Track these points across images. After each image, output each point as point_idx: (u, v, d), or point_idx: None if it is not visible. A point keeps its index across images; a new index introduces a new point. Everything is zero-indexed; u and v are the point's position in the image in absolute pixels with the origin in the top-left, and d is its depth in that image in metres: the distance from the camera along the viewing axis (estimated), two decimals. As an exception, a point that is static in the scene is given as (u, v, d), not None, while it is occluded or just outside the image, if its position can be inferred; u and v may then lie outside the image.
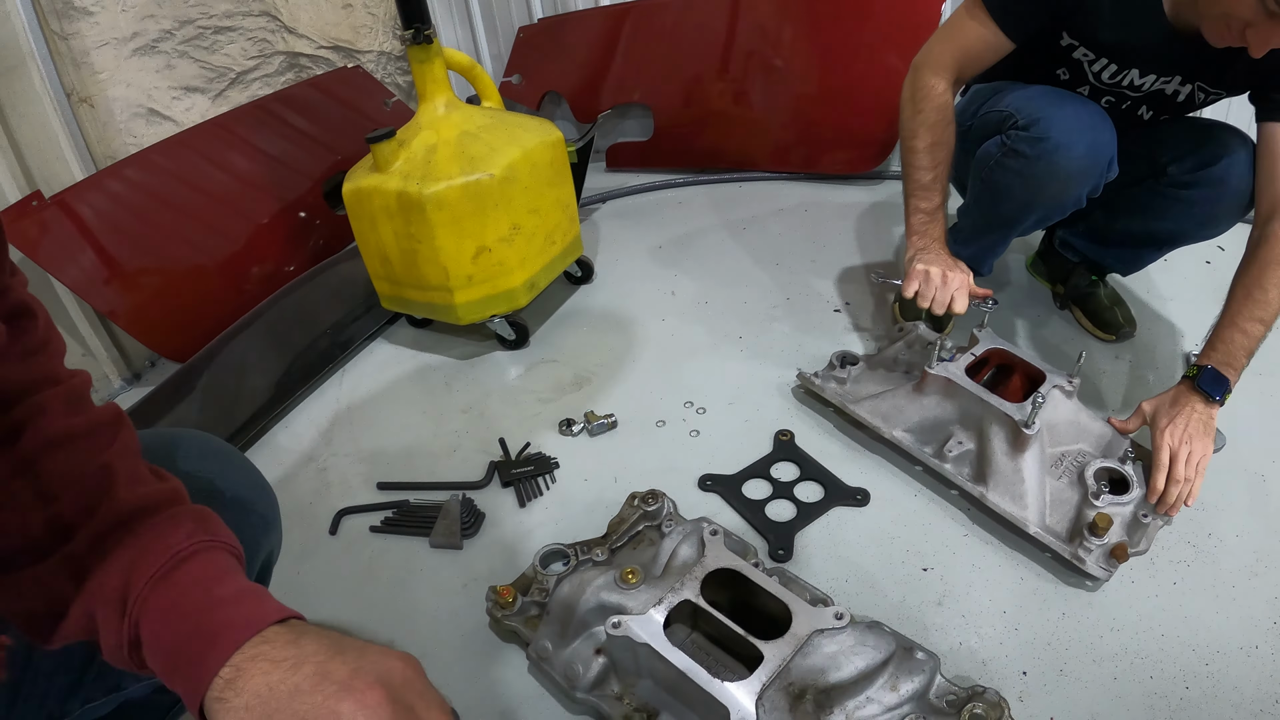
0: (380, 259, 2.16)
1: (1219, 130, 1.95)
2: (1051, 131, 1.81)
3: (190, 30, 2.48)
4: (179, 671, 0.72)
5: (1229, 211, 1.95)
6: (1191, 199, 1.97)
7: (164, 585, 0.76)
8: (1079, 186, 1.87)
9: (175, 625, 0.74)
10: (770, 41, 3.11)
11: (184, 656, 0.73)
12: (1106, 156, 1.86)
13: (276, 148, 2.69)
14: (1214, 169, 1.90)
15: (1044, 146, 1.82)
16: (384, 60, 3.18)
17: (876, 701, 1.29)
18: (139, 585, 0.75)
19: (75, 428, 0.81)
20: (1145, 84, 1.88)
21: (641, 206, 3.10)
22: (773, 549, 1.68)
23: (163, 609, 0.75)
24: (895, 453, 1.91)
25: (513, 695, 1.45)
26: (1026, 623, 1.55)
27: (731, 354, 2.26)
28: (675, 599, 1.36)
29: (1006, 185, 1.94)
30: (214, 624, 0.73)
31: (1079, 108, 1.84)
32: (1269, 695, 1.44)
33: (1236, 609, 1.58)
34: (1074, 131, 1.81)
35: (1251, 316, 1.73)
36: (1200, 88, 1.87)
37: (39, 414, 0.80)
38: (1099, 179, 1.89)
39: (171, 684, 0.73)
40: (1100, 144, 1.83)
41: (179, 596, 0.75)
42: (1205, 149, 1.92)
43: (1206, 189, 1.93)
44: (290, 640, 0.73)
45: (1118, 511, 1.67)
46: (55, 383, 0.83)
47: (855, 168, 3.20)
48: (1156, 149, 2.00)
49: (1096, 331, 2.33)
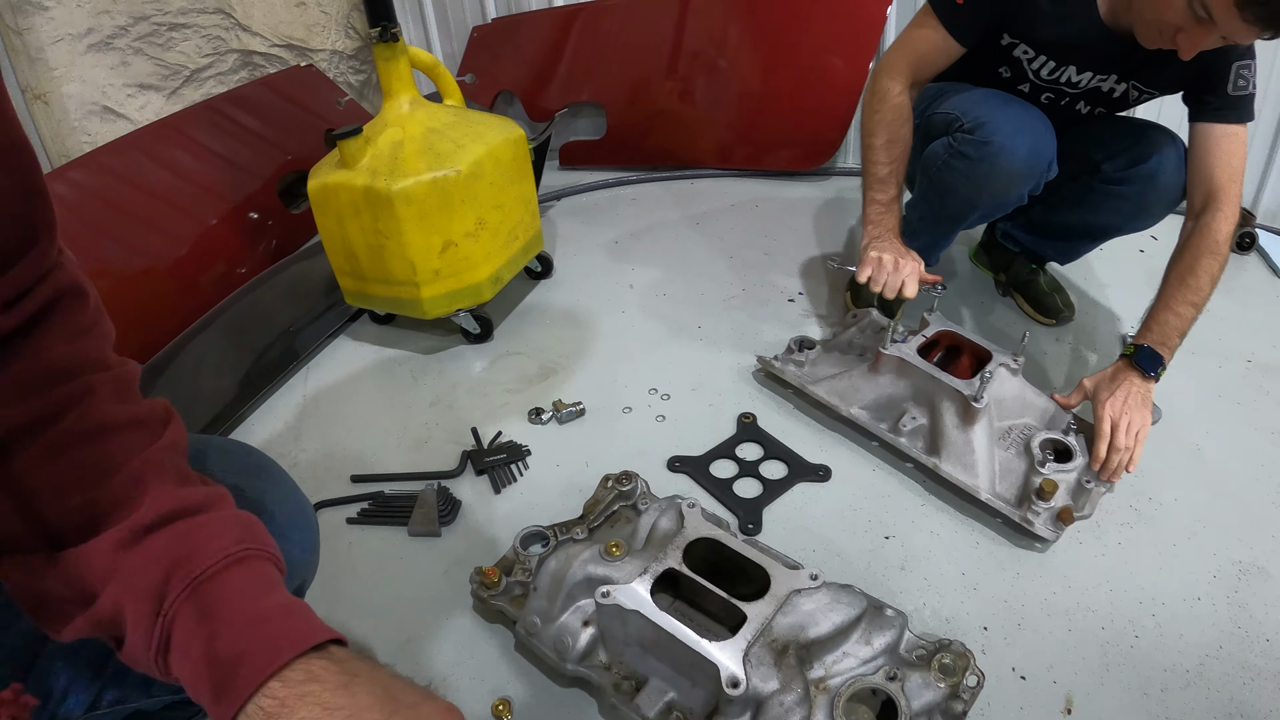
0: (345, 255, 2.19)
1: (1150, 130, 2.07)
2: (996, 135, 1.91)
3: (145, 27, 2.48)
4: (211, 684, 0.69)
5: (1159, 205, 2.08)
6: (1125, 194, 2.09)
7: (206, 588, 0.73)
8: (1021, 186, 1.98)
9: (213, 633, 0.71)
10: (716, 43, 3.20)
11: (220, 668, 0.69)
12: (1047, 158, 1.97)
13: (227, 148, 2.68)
14: (1145, 166, 2.02)
15: (988, 149, 1.92)
16: (336, 59, 3.20)
17: (853, 655, 1.37)
18: (180, 585, 0.72)
19: (125, 415, 0.78)
20: (1082, 81, 1.99)
21: (596, 203, 3.16)
22: (743, 523, 1.76)
23: (202, 613, 0.71)
24: (853, 430, 2.00)
25: (502, 673, 1.49)
26: (984, 583, 1.66)
27: (692, 342, 2.34)
28: (659, 568, 1.42)
29: (952, 184, 2.04)
30: (257, 638, 0.71)
31: (1021, 112, 1.95)
32: (1213, 642, 1.56)
33: (1178, 565, 1.70)
34: (1017, 135, 1.91)
35: (1184, 300, 1.85)
36: (1135, 86, 1.98)
37: (87, 395, 0.76)
38: (1039, 179, 2.00)
39: (197, 695, 0.70)
40: (1041, 147, 1.94)
41: (221, 603, 0.72)
42: (1137, 147, 2.04)
43: (1139, 184, 2.06)
44: (342, 685, 0.70)
45: (1062, 478, 1.78)
46: (104, 367, 0.79)
47: (801, 165, 3.31)
48: (1092, 147, 2.12)
49: (1038, 316, 2.45)
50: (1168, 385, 2.08)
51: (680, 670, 1.36)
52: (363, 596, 1.64)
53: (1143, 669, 1.51)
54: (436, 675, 1.48)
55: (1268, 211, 3.11)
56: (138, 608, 0.71)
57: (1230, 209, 1.88)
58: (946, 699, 1.33)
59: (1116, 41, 1.87)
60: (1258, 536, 1.77)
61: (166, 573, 0.72)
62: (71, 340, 0.77)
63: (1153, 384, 1.84)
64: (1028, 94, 2.07)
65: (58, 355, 0.75)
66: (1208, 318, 2.37)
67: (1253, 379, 2.24)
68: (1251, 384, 2.22)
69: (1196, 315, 1.87)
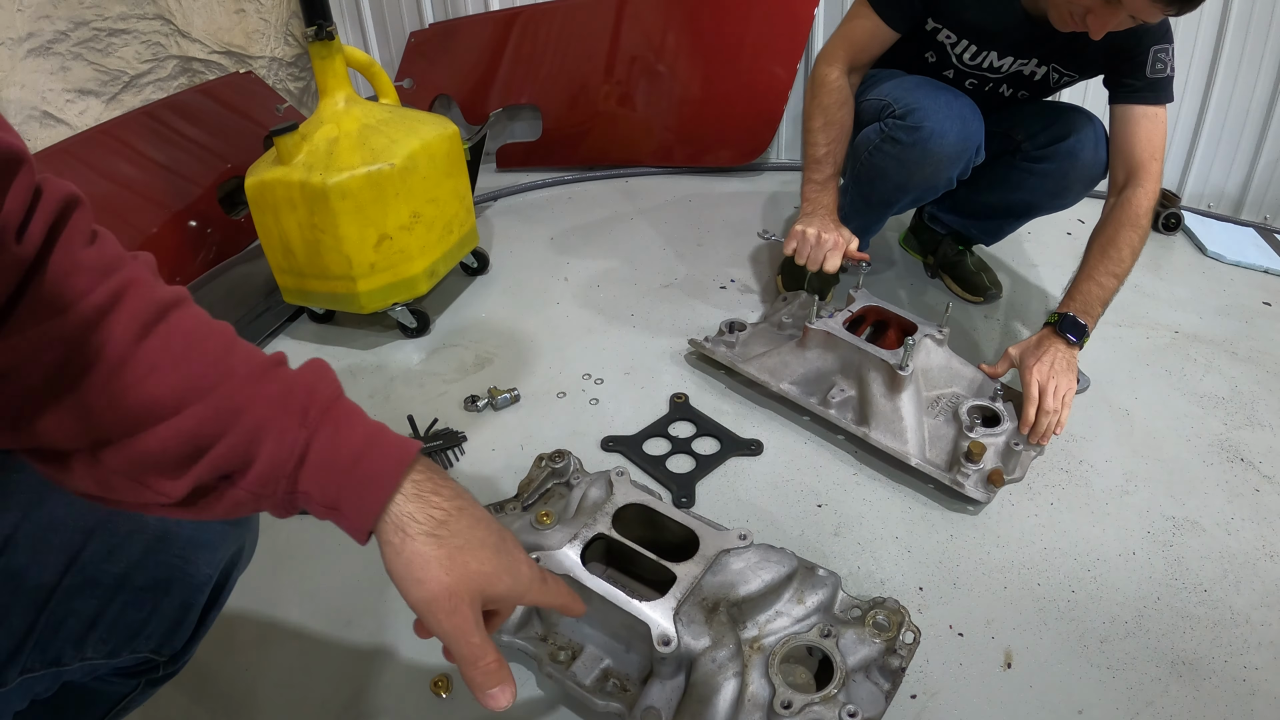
0: (283, 251, 2.16)
1: (1070, 110, 2.12)
2: (927, 121, 1.93)
3: (85, 32, 2.42)
4: (353, 481, 0.76)
5: (1079, 183, 2.11)
6: (1045, 171, 2.13)
7: (339, 404, 0.79)
8: (950, 170, 2.01)
9: (353, 439, 0.77)
10: (653, 48, 3.22)
11: (364, 465, 0.77)
12: (975, 143, 2.00)
13: (166, 155, 2.63)
14: (1065, 143, 2.06)
15: (920, 134, 1.94)
16: (276, 66, 3.15)
17: (786, 614, 1.36)
18: (322, 397, 0.78)
19: (178, 294, 0.79)
20: (1004, 65, 2.03)
21: (533, 203, 3.15)
22: (676, 497, 1.74)
23: (342, 420, 0.78)
24: (784, 405, 2.00)
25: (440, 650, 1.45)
26: (918, 545, 1.65)
27: (625, 330, 2.33)
28: (589, 534, 1.40)
29: (884, 168, 2.06)
30: (388, 441, 0.79)
31: (952, 99, 1.97)
32: (1149, 594, 1.57)
33: (1111, 522, 1.72)
34: (947, 121, 1.94)
35: (1106, 271, 1.88)
36: (1055, 69, 2.02)
37: (136, 283, 0.75)
38: (968, 163, 2.03)
39: (337, 501, 0.76)
40: (970, 133, 1.97)
41: (354, 414, 0.79)
42: (1057, 126, 2.09)
43: (1058, 162, 2.09)
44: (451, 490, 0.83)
45: (991, 441, 1.79)
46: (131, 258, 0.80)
47: (734, 162, 3.35)
48: (1014, 127, 2.16)
49: (966, 295, 2.47)
50: (1098, 354, 2.12)
51: (614, 636, 1.34)
52: (303, 581, 1.59)
53: (1081, 622, 1.51)
54: (377, 655, 1.44)
55: (1192, 194, 3.18)
56: (282, 423, 0.74)
57: (1150, 185, 1.91)
58: (883, 654, 1.32)
59: (1035, 25, 1.91)
60: (1189, 493, 1.79)
61: (311, 387, 0.77)
62: (90, 244, 0.75)
63: (1076, 350, 1.86)
64: (952, 79, 2.10)
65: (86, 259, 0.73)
66: (1137, 293, 2.43)
67: (1179, 348, 2.27)
68: (1178, 352, 2.25)
69: (1118, 285, 1.90)
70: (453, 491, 0.82)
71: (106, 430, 0.70)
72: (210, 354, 0.74)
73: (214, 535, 0.96)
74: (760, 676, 1.27)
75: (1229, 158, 3.09)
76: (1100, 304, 1.89)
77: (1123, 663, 1.44)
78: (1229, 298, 2.55)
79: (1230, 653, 1.46)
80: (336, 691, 1.39)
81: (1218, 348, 2.28)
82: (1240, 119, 3.00)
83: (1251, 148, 3.03)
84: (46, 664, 0.87)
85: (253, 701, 1.38)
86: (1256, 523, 1.73)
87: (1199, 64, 2.95)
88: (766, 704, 1.24)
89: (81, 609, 0.87)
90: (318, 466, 0.76)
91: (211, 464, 0.72)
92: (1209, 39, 2.90)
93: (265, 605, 1.53)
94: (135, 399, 0.70)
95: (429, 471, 0.81)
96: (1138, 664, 1.44)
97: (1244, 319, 2.44)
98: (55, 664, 0.87)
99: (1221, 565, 1.63)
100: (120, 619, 0.89)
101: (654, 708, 1.25)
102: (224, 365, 0.74)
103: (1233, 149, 3.06)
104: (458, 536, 0.80)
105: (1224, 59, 2.91)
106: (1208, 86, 2.97)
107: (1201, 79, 2.97)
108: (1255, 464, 1.88)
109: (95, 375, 0.68)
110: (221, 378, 0.73)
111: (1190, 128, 3.07)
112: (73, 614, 0.87)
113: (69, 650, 0.88)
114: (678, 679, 1.27)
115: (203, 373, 0.73)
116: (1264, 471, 1.86)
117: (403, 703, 1.37)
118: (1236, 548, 1.67)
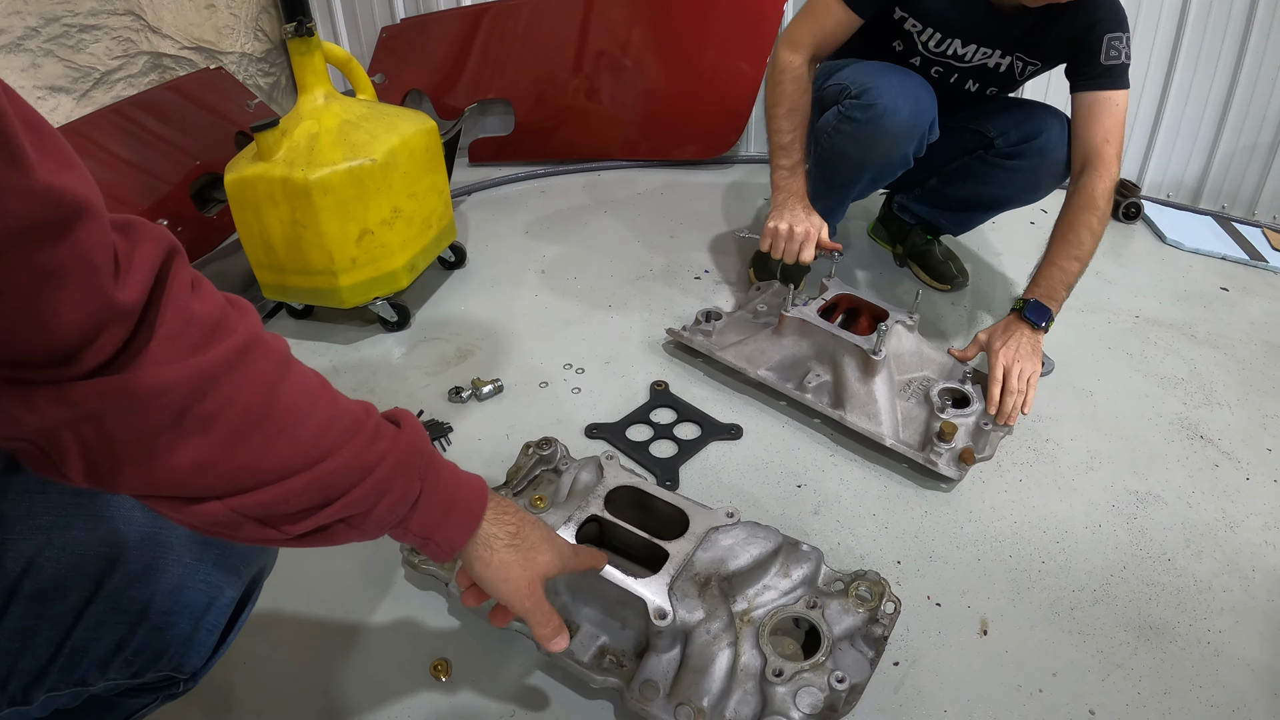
0: (264, 248, 2.17)
1: (1040, 108, 2.19)
2: (880, 98, 1.99)
3: (56, 28, 2.42)
4: (451, 518, 0.95)
5: (1049, 178, 2.19)
6: (1017, 168, 2.20)
7: (435, 454, 0.95)
8: (905, 146, 2.06)
9: (446, 483, 0.95)
10: (620, 43, 3.26)
11: (459, 505, 0.96)
12: (928, 119, 2.05)
13: (136, 153, 2.61)
14: (1037, 141, 2.14)
15: (873, 111, 2.00)
16: (246, 62, 3.15)
17: (773, 588, 1.41)
18: (428, 451, 0.93)
19: (285, 345, 0.87)
20: (968, 54, 2.09)
21: (507, 196, 3.17)
22: (660, 480, 1.79)
23: (440, 469, 0.95)
24: (761, 390, 2.05)
25: (438, 635, 1.49)
26: (894, 522, 1.72)
27: (603, 320, 2.37)
28: (582, 515, 1.44)
29: (842, 148, 2.12)
30: (470, 482, 1.00)
31: (904, 78, 2.04)
32: (1116, 564, 1.64)
33: (1078, 497, 1.79)
34: (899, 97, 2.00)
35: (1069, 255, 1.95)
36: (1019, 58, 2.09)
37: (258, 339, 0.80)
38: (921, 139, 2.08)
39: (433, 533, 0.94)
40: (922, 108, 2.03)
41: (440, 461, 0.97)
42: (1029, 124, 2.16)
43: (1030, 159, 2.17)
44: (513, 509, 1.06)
45: (962, 421, 1.86)
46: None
47: (704, 155, 3.39)
48: (986, 125, 2.23)
49: (934, 283, 2.54)
50: (1062, 338, 2.20)
51: (610, 614, 1.39)
52: (297, 572, 1.59)
53: (1052, 590, 1.58)
54: (374, 641, 1.47)
55: (1152, 184, 3.27)
56: (403, 477, 0.88)
57: (1106, 169, 1.98)
58: (866, 623, 1.38)
59: (996, 16, 1.99)
60: (1151, 469, 1.87)
61: (414, 441, 0.91)
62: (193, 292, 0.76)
63: (1042, 334, 1.93)
64: (918, 67, 2.15)
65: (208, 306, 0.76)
66: (1099, 279, 2.51)
67: (1139, 332, 2.36)
68: (1139, 336, 2.34)
69: (1081, 270, 1.96)
70: (513, 509, 1.05)
71: (249, 480, 0.76)
72: (327, 408, 0.83)
73: (239, 560, 0.98)
74: (751, 647, 1.33)
75: (1188, 148, 3.18)
76: (1064, 288, 1.96)
77: (1092, 628, 1.51)
78: (1187, 284, 2.64)
79: (1194, 617, 1.53)
80: (338, 678, 1.41)
81: (1177, 331, 2.37)
82: (1199, 111, 3.10)
83: (1210, 139, 3.13)
84: (71, 684, 0.89)
85: (253, 691, 1.40)
86: (1216, 496, 1.81)
87: (1159, 57, 3.04)
88: (759, 673, 1.29)
89: (106, 636, 0.88)
90: (424, 510, 0.92)
91: (338, 511, 0.83)
92: (1169, 32, 2.99)
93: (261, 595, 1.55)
94: (277, 452, 0.77)
95: (494, 496, 1.03)
96: (1107, 629, 1.51)
97: (1202, 304, 2.53)
98: (80, 684, 0.89)
99: (1184, 536, 1.71)
100: (145, 644, 0.90)
101: (652, 680, 1.29)
102: (345, 420, 0.84)
103: (1191, 140, 3.16)
104: (526, 543, 1.04)
105: (1183, 52, 3.00)
106: (1167, 78, 3.06)
107: (1161, 71, 3.06)
108: (1214, 441, 1.96)
109: (230, 429, 0.73)
110: (347, 434, 0.83)
111: (1150, 119, 3.16)
112: (97, 640, 0.88)
113: (93, 672, 0.89)
114: (674, 652, 1.32)
115: (328, 428, 0.81)
116: (1222, 448, 1.94)
117: (403, 687, 1.40)
118: (1197, 519, 1.75)
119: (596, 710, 1.37)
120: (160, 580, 0.91)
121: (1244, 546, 1.69)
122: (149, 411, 0.68)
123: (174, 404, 0.69)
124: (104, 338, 0.64)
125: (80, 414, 0.65)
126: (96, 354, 0.64)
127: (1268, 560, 1.66)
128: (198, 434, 0.71)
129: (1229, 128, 3.07)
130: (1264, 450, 1.94)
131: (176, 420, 0.69)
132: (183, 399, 0.69)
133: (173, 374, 0.68)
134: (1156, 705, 1.38)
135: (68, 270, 0.60)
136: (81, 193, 0.62)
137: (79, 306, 0.61)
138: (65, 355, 0.63)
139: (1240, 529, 1.73)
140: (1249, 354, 2.28)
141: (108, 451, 0.68)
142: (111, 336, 0.65)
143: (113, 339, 0.65)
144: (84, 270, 0.61)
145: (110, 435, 0.67)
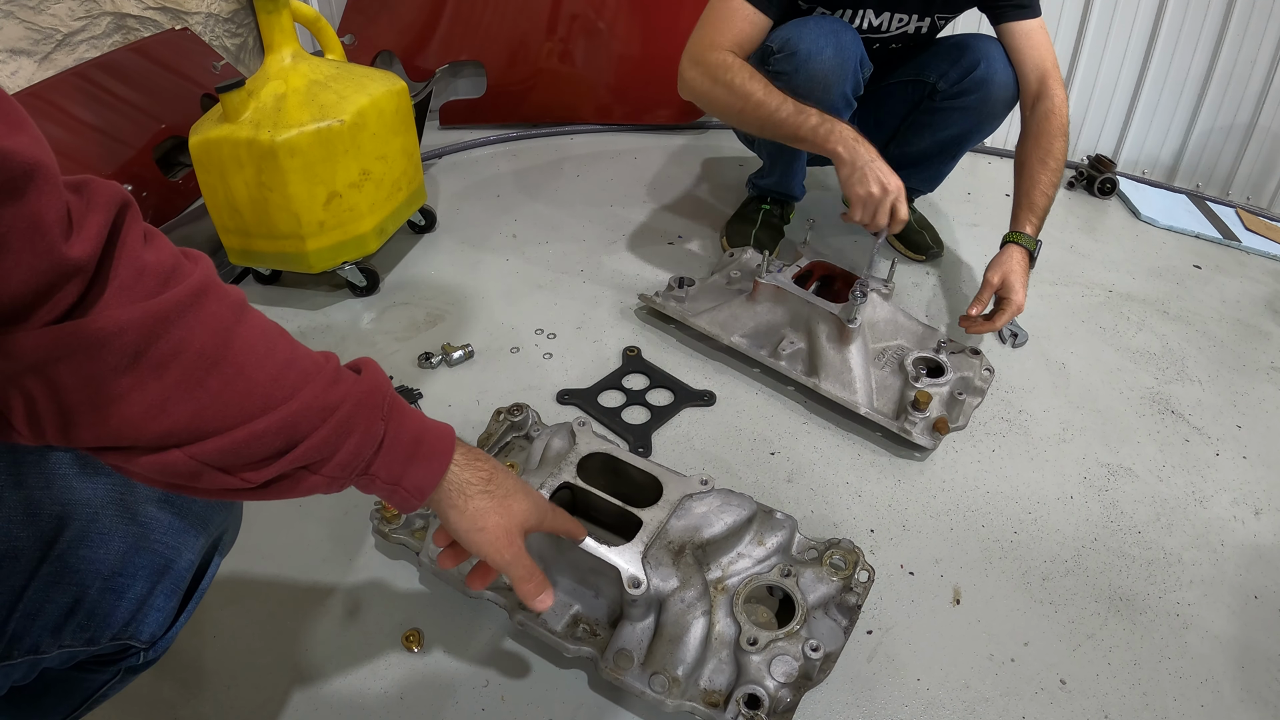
0: (229, 211, 2.11)
1: (971, 39, 2.17)
2: (801, 45, 1.96)
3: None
4: (417, 460, 0.91)
5: (1000, 105, 2.17)
6: (966, 104, 2.18)
7: (396, 396, 0.92)
8: (840, 85, 2.01)
9: (410, 426, 0.91)
10: (594, 5, 3.20)
11: (425, 446, 0.92)
12: (854, 55, 2.01)
13: (99, 117, 2.53)
14: (978, 72, 2.12)
15: (797, 59, 1.96)
16: (212, 22, 3.06)
17: (747, 556, 1.40)
18: (389, 392, 0.90)
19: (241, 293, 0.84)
20: (882, 23, 2.09)
21: (478, 160, 3.12)
22: (633, 447, 1.77)
23: (402, 411, 0.91)
24: (735, 357, 2.04)
25: (410, 605, 1.47)
26: (867, 490, 1.71)
27: (575, 285, 2.34)
28: (555, 483, 1.42)
29: None
30: (436, 425, 0.96)
31: (819, 21, 2.00)
32: (1087, 535, 1.65)
33: (1050, 468, 1.79)
34: (819, 39, 1.96)
35: (1049, 182, 2.04)
36: (940, 18, 2.13)
37: (212, 285, 0.78)
38: (854, 76, 2.03)
39: (400, 477, 0.90)
40: (845, 44, 1.99)
41: (403, 404, 0.93)
42: (965, 58, 2.14)
43: (978, 91, 2.14)
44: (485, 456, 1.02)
45: (936, 391, 1.85)
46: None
47: (678, 120, 3.36)
48: (923, 72, 2.23)
49: (909, 253, 2.53)
50: (1035, 310, 2.21)
51: (583, 582, 1.37)
52: (266, 542, 1.57)
53: (1024, 561, 1.58)
54: (345, 612, 1.45)
55: (1127, 161, 3.27)
56: (367, 418, 0.85)
57: (1061, 90, 2.06)
58: (840, 592, 1.37)
59: None
60: (1122, 442, 1.87)
61: (376, 382, 0.88)
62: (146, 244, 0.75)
63: (1030, 262, 2.03)
64: None
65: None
66: (1073, 253, 2.52)
67: (1113, 306, 2.36)
68: (1112, 310, 2.34)
69: (1055, 193, 2.06)
70: (484, 456, 1.01)
71: (208, 425, 0.74)
72: (285, 353, 0.81)
73: (196, 521, 0.94)
74: (725, 616, 1.31)
75: (1164, 127, 3.19)
76: (1045, 212, 2.05)
77: (1064, 599, 1.51)
78: (1161, 260, 2.64)
79: (1164, 589, 1.54)
80: (310, 650, 1.39)
81: (1150, 307, 2.37)
82: (1177, 89, 3.10)
83: (1186, 118, 3.14)
84: (24, 652, 0.86)
85: (224, 664, 1.37)
86: (1186, 470, 1.81)
87: (1139, 35, 3.04)
88: (733, 641, 1.28)
89: (59, 597, 0.85)
90: (389, 451, 0.88)
91: (301, 456, 0.80)
92: (1149, 11, 2.99)
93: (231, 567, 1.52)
94: (235, 395, 0.75)
95: (464, 445, 0.99)
96: (1078, 600, 1.51)
97: (1175, 280, 2.53)
98: (33, 652, 0.86)
99: (1154, 509, 1.71)
100: (98, 607, 0.88)
101: (626, 650, 1.28)
102: (304, 364, 0.82)
103: (1168, 118, 3.17)
104: (501, 489, 1.00)
105: (1164, 30, 3.00)
106: (1146, 56, 3.06)
107: (1140, 48, 3.06)
108: (1185, 416, 1.97)
109: (186, 372, 0.72)
110: (306, 376, 0.81)
111: (1127, 96, 3.16)
112: (50, 602, 0.85)
113: (46, 638, 0.86)
114: (648, 621, 1.30)
115: (286, 371, 0.79)
116: (1193, 423, 1.94)
117: (376, 658, 1.38)
118: (1168, 493, 1.75)
119: (570, 680, 1.35)
120: (114, 540, 0.88)
121: (1213, 521, 1.70)
122: (102, 355, 0.67)
123: (127, 346, 0.68)
124: (58, 296, 0.64)
125: (28, 364, 0.65)
126: (51, 310, 0.64)
127: (1236, 535, 1.67)
128: (153, 377, 0.70)
129: (1206, 107, 3.07)
130: (1234, 427, 1.95)
131: (131, 363, 0.68)
132: (136, 341, 0.68)
133: (125, 315, 0.67)
134: (1126, 676, 1.39)
135: (16, 232, 0.60)
136: (32, 154, 0.61)
137: (30, 266, 0.61)
138: (17, 313, 0.63)
139: (1209, 504, 1.74)
140: (1220, 331, 2.29)
141: (61, 402, 0.67)
142: (66, 294, 0.65)
143: (67, 296, 0.65)
144: (34, 231, 0.61)
145: (63, 384, 0.67)
